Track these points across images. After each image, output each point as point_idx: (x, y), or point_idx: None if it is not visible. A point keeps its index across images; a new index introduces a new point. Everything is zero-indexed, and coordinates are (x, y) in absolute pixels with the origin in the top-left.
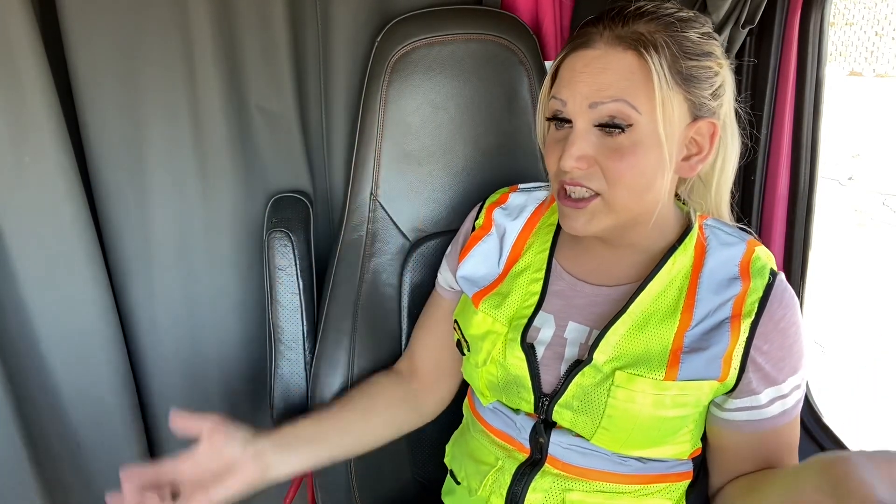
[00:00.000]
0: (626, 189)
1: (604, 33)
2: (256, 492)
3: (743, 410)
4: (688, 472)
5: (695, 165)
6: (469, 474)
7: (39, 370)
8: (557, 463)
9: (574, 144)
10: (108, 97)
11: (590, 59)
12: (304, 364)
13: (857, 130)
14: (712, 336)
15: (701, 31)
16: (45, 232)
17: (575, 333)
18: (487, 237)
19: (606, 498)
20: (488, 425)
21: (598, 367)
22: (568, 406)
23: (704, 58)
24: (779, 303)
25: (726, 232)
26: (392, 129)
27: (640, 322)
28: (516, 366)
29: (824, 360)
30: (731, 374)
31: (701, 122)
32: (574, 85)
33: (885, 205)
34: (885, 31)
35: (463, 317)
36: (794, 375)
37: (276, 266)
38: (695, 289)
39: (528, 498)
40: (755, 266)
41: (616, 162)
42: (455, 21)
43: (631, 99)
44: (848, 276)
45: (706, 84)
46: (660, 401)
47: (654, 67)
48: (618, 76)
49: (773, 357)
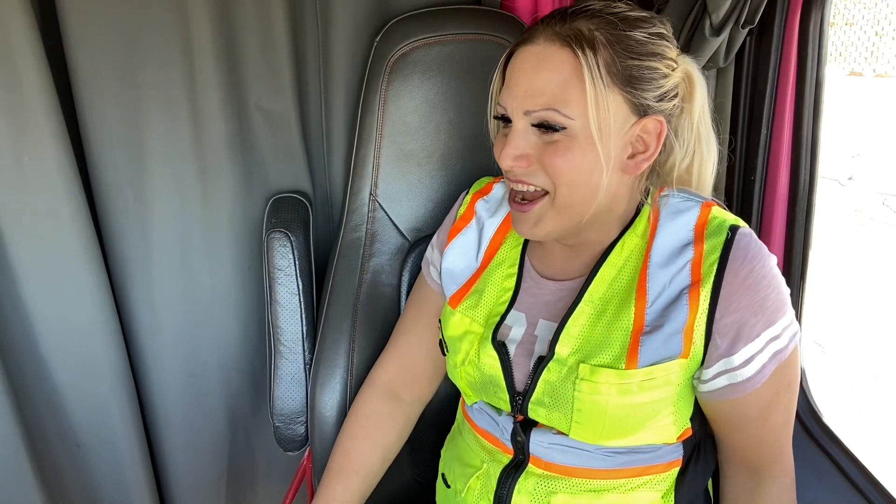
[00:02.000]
0: (567, 186)
1: (545, 30)
2: (257, 491)
3: (720, 377)
4: (676, 460)
5: (640, 163)
6: (456, 476)
7: (39, 370)
8: (540, 462)
9: (511, 143)
10: (108, 97)
11: (527, 56)
12: (304, 364)
13: (857, 130)
14: (670, 311)
15: (650, 31)
16: (44, 232)
17: (544, 331)
18: (467, 229)
19: (592, 497)
20: (475, 426)
21: (562, 360)
22: (540, 403)
23: (649, 58)
24: (742, 259)
25: (681, 198)
26: (391, 130)
27: (599, 309)
28: (490, 365)
29: (824, 360)
30: (695, 348)
31: (647, 120)
32: (511, 88)
33: (885, 205)
34: (885, 31)
35: (443, 318)
36: (770, 328)
37: (276, 266)
38: (646, 262)
39: (514, 501)
40: (711, 226)
41: (553, 158)
42: (454, 21)
43: (560, 107)
44: (848, 276)
45: (651, 85)
46: (625, 388)
47: (586, 65)
48: (551, 78)
49: (743, 315)
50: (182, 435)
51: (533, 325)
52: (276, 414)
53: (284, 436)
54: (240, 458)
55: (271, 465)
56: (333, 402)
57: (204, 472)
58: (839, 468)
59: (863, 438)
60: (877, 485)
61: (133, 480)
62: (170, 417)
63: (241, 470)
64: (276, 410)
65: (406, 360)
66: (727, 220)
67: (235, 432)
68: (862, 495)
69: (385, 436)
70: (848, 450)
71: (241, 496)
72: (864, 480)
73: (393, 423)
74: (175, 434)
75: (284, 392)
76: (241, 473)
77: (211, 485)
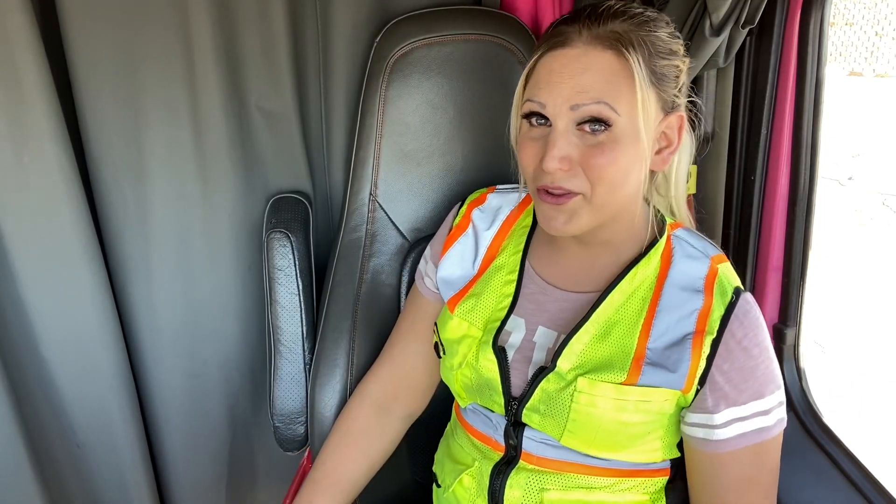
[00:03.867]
0: (606, 186)
1: (582, 32)
2: (257, 491)
3: (698, 427)
4: (665, 469)
5: (666, 158)
6: (446, 473)
7: (39, 370)
8: (532, 458)
9: (555, 145)
10: (108, 97)
11: (569, 59)
12: (304, 364)
13: (857, 130)
14: (675, 352)
15: (668, 30)
16: (44, 232)
17: (543, 338)
18: (463, 237)
19: (584, 493)
20: (468, 425)
21: (562, 374)
22: (535, 410)
23: (672, 56)
24: (740, 322)
25: (692, 245)
26: (391, 130)
27: (604, 330)
28: (488, 368)
29: (824, 360)
30: (692, 390)
31: (671, 117)
32: (553, 86)
33: (885, 205)
34: (885, 31)
35: (440, 320)
36: (758, 401)
37: (276, 266)
38: (657, 299)
39: (507, 495)
40: (720, 284)
41: (597, 159)
42: (454, 21)
43: (611, 101)
44: (848, 276)
45: (673, 82)
46: (621, 406)
47: (636, 66)
48: (598, 76)
49: (733, 378)
50: (182, 435)
51: (532, 332)
52: (276, 414)
53: (284, 436)
54: (240, 458)
55: (271, 465)
56: (333, 402)
57: (204, 472)
58: (839, 468)
59: (863, 438)
60: (877, 485)
61: (133, 481)
62: (170, 417)
63: (241, 470)
64: (276, 410)
65: (400, 372)
66: (732, 282)
67: (235, 432)
68: (862, 495)
69: (371, 451)
70: (848, 450)
71: (241, 496)
72: (864, 480)
73: (380, 437)
74: (175, 434)
75: (284, 392)
76: (241, 473)
77: (211, 485)
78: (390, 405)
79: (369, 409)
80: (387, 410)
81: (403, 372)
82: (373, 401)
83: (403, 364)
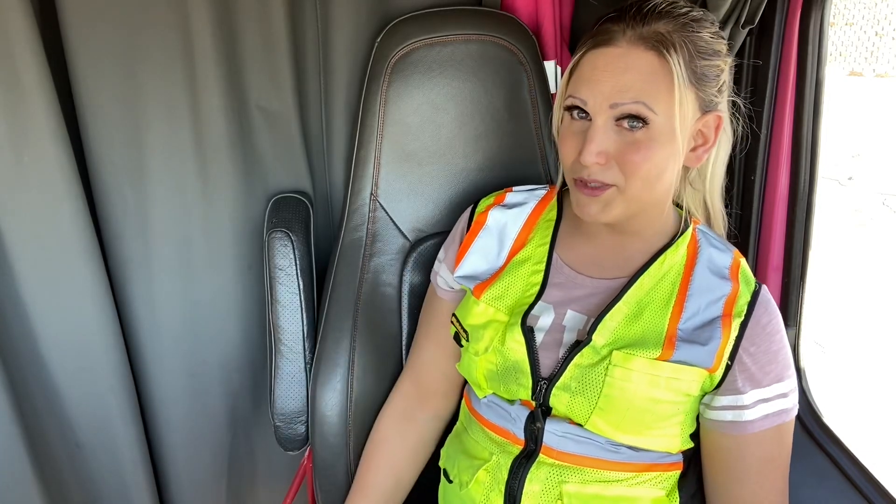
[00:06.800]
0: (640, 180)
1: (626, 32)
2: (257, 491)
3: (728, 409)
4: (678, 463)
5: (701, 155)
6: (461, 470)
7: (39, 370)
8: (552, 452)
9: (594, 140)
10: (108, 97)
11: (612, 58)
12: (305, 364)
13: (857, 130)
14: (705, 331)
15: (712, 30)
16: (44, 232)
17: (573, 321)
18: (484, 233)
19: (601, 488)
20: (483, 419)
21: (597, 348)
22: (566, 388)
23: (714, 57)
24: (765, 309)
25: (716, 240)
26: (392, 130)
27: (636, 311)
28: (515, 350)
29: (824, 360)
30: (720, 368)
31: (709, 116)
32: (595, 84)
33: (885, 205)
34: (885, 31)
35: (462, 309)
36: (779, 383)
37: (277, 266)
38: (687, 283)
39: (525, 490)
40: (744, 274)
41: (633, 155)
42: (455, 22)
43: (649, 101)
44: (848, 276)
45: (714, 82)
46: (654, 381)
47: (675, 68)
48: (638, 76)
49: (759, 360)
50: (182, 435)
51: (561, 315)
52: (276, 413)
53: (285, 435)
54: (240, 458)
55: (271, 465)
56: (334, 402)
57: (204, 472)
58: (839, 468)
59: (863, 438)
60: (877, 485)
61: (133, 480)
62: (170, 417)
63: (241, 470)
64: (276, 410)
65: (422, 374)
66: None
67: (235, 432)
68: (862, 496)
69: (394, 457)
70: (848, 450)
71: (241, 496)
72: (864, 481)
73: (403, 443)
74: (175, 434)
75: (285, 391)
76: (241, 473)
77: (211, 485)
78: (413, 412)
79: (389, 418)
80: (409, 416)
81: (423, 377)
82: (394, 409)
83: (422, 369)
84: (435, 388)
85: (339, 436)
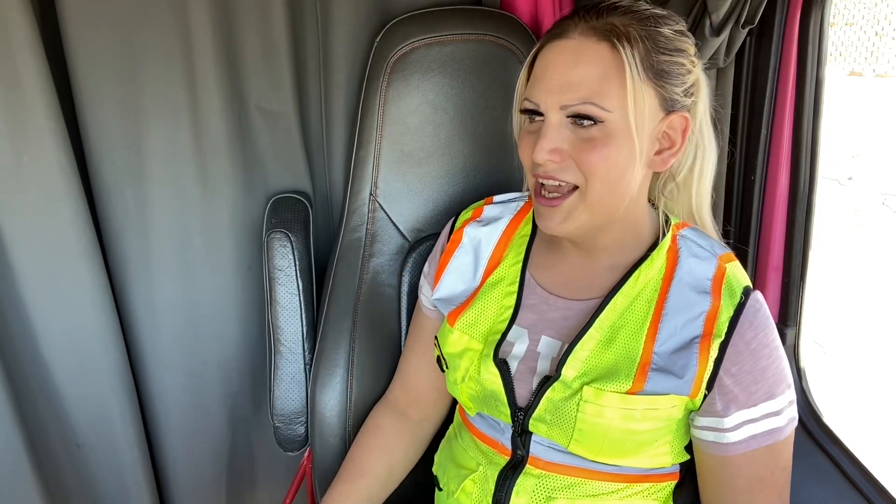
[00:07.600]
0: (600, 182)
1: (578, 24)
2: (257, 491)
3: (708, 430)
4: (674, 473)
5: (667, 159)
6: (450, 478)
7: (39, 370)
8: (539, 462)
9: (546, 137)
10: (108, 97)
11: (563, 49)
12: (304, 364)
13: (857, 130)
14: (681, 357)
15: (674, 27)
16: (44, 232)
17: (547, 348)
18: (460, 251)
19: (591, 502)
20: (475, 429)
21: (567, 382)
22: (541, 420)
23: (677, 54)
24: (749, 324)
25: (699, 244)
26: (391, 130)
27: (609, 336)
28: (491, 381)
29: (824, 360)
30: (699, 394)
31: (673, 116)
32: (546, 83)
33: (885, 205)
34: (885, 31)
35: (441, 334)
36: (769, 402)
37: (276, 267)
38: (663, 302)
39: (512, 502)
40: (728, 285)
41: (588, 153)
42: (454, 21)
43: (600, 100)
44: (848, 276)
45: (678, 80)
46: (629, 415)
47: (627, 58)
48: (590, 69)
49: (742, 380)
50: (182, 435)
51: (535, 342)
52: (276, 414)
53: (284, 436)
54: (240, 458)
55: (271, 465)
56: (333, 402)
57: (204, 472)
58: (839, 468)
59: (863, 439)
60: (877, 485)
61: (133, 480)
62: (170, 417)
63: (241, 470)
64: (276, 410)
65: (408, 383)
66: (741, 281)
67: (235, 432)
68: (862, 496)
69: (389, 445)
70: (848, 450)
71: (241, 496)
72: (864, 481)
73: (398, 435)
74: (175, 434)
75: (284, 392)
76: (241, 473)
77: (211, 485)
78: (406, 410)
79: (385, 410)
80: (403, 414)
81: (410, 384)
82: (390, 405)
83: (410, 376)
84: (425, 398)
85: (338, 436)
